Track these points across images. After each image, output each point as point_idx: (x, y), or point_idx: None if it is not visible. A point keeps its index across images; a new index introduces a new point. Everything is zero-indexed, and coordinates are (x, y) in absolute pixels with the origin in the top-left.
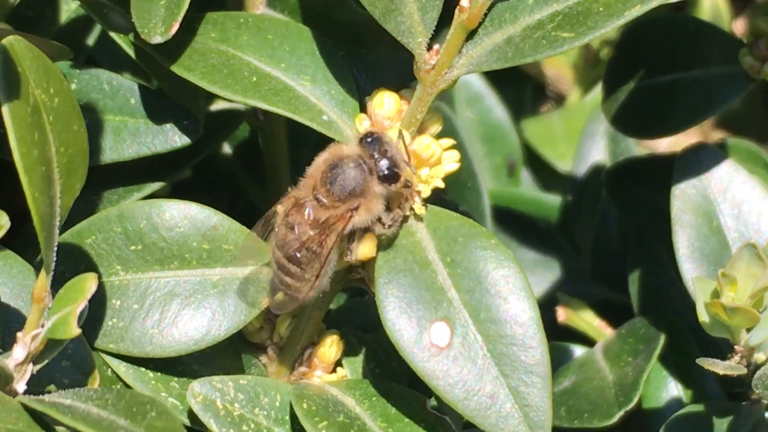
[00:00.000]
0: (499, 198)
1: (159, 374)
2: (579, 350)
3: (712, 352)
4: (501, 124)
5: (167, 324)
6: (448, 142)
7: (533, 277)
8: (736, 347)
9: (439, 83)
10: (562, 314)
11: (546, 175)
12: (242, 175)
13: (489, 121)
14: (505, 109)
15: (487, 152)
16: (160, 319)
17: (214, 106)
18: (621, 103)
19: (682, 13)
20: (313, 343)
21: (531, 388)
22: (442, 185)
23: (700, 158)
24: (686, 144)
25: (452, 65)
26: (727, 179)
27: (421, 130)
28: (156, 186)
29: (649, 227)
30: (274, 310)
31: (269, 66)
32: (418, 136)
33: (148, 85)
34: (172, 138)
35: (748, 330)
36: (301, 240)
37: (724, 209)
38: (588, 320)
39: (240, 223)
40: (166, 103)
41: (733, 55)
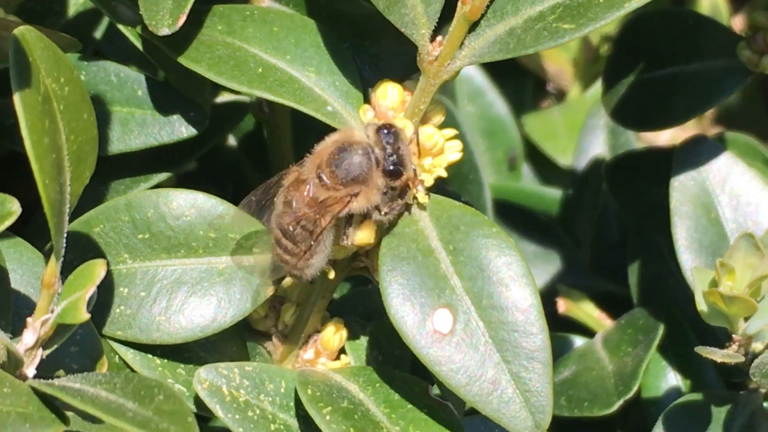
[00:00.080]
0: (500, 192)
1: (166, 361)
2: (579, 341)
3: (710, 343)
4: (502, 119)
5: (174, 311)
6: (451, 132)
7: (534, 269)
8: (734, 336)
9: (442, 74)
10: (563, 305)
11: (547, 170)
12: (247, 167)
13: (490, 116)
14: (506, 104)
15: (489, 146)
16: (167, 307)
17: (220, 99)
18: (621, 96)
19: (682, 7)
20: (318, 331)
21: (532, 374)
22: (444, 174)
23: (699, 150)
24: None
25: (455, 56)
26: (725, 171)
27: (424, 121)
28: (163, 176)
29: (649, 219)
30: (271, 276)
31: (275, 58)
32: (421, 126)
33: (155, 77)
34: (178, 129)
35: (746, 319)
36: (297, 215)
37: (722, 200)
38: (588, 311)
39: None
40: (173, 94)
41: (731, 49)
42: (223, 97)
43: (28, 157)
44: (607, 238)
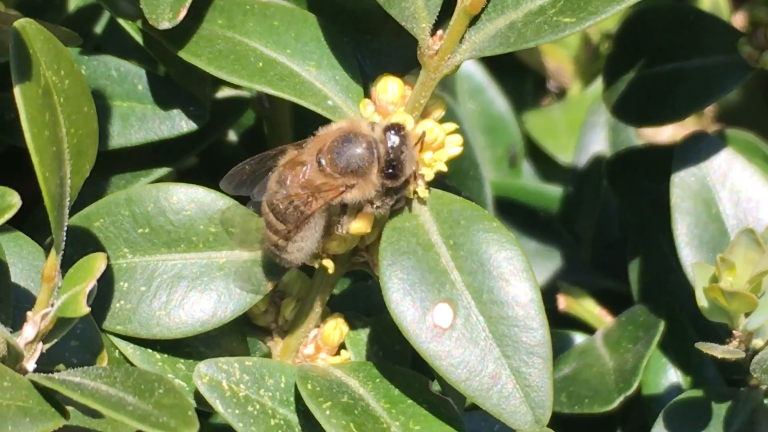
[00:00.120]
0: (500, 189)
1: (166, 356)
2: (579, 338)
3: (711, 339)
4: (503, 116)
5: (174, 306)
6: (451, 126)
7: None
8: (734, 332)
9: (443, 68)
10: (563, 302)
11: (547, 167)
12: None
13: (491, 113)
14: (506, 101)
15: (489, 143)
16: (167, 301)
17: (220, 94)
18: (621, 92)
19: (682, 3)
20: (318, 326)
21: (532, 369)
22: (445, 169)
23: (700, 146)
24: None
25: (455, 50)
26: (726, 167)
27: (425, 115)
28: (163, 171)
29: (649, 216)
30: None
31: (275, 52)
32: (421, 121)
33: (156, 71)
34: (178, 123)
35: (747, 315)
36: (289, 194)
37: (723, 197)
38: (588, 308)
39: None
40: (173, 89)
41: (732, 45)
42: (224, 92)
43: (29, 150)
44: (608, 234)
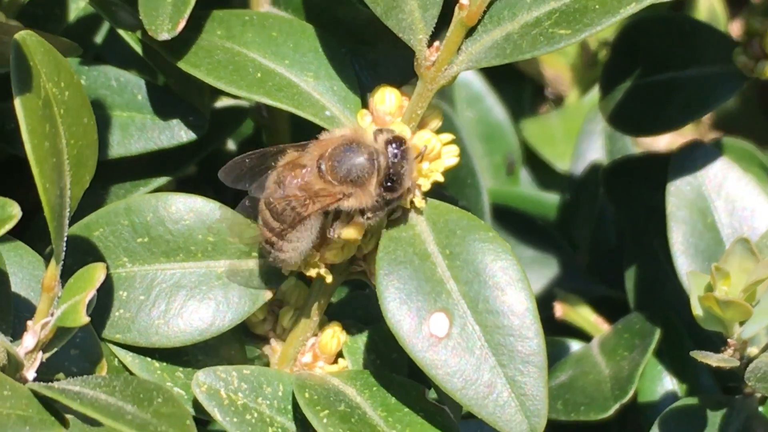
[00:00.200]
0: (498, 196)
1: (165, 364)
2: (576, 345)
3: (706, 348)
4: (500, 124)
5: (173, 315)
6: (448, 137)
7: (531, 274)
8: (729, 340)
9: (439, 79)
10: (560, 310)
11: (544, 174)
12: None
13: (488, 121)
14: (504, 109)
15: (487, 151)
16: (166, 310)
17: (219, 103)
18: (618, 101)
19: (679, 13)
20: (315, 335)
21: (527, 378)
22: (441, 179)
23: (695, 155)
24: None
25: (452, 61)
26: (721, 176)
27: (422, 126)
28: (162, 181)
29: (645, 224)
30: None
31: (273, 63)
32: (418, 131)
33: (155, 81)
34: (178, 133)
35: (741, 324)
36: (287, 195)
37: (718, 206)
38: (585, 316)
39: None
40: (173, 99)
41: (727, 55)
42: (223, 102)
43: (29, 161)
44: (604, 242)
